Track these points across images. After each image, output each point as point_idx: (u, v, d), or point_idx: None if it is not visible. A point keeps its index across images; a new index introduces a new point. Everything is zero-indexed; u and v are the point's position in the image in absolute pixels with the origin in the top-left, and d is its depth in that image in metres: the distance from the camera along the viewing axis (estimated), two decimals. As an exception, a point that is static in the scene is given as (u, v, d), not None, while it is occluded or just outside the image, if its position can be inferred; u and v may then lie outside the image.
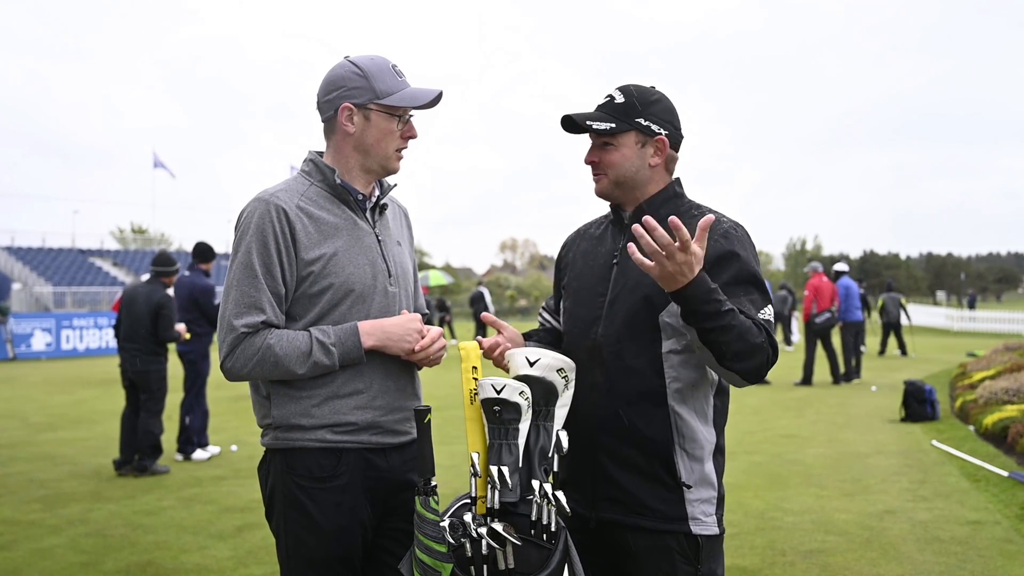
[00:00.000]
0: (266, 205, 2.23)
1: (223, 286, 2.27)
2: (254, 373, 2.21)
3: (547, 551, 2.04)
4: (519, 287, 69.85)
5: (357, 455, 2.26)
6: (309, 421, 2.24)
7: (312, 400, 2.24)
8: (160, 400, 7.77)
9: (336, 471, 2.24)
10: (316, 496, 2.23)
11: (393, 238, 2.45)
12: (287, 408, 2.26)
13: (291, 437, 2.26)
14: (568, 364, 2.17)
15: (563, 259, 2.51)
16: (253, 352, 2.18)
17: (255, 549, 5.20)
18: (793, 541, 5.21)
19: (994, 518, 5.59)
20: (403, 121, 2.33)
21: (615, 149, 2.25)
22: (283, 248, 2.22)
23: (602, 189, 2.32)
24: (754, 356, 2.03)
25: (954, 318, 35.05)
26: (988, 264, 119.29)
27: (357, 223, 2.34)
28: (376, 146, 2.31)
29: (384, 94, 2.28)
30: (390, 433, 2.31)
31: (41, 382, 16.45)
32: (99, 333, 24.70)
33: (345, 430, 2.25)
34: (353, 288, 2.27)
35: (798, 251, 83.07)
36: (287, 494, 2.26)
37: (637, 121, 2.24)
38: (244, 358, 2.19)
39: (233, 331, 2.19)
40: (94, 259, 42.77)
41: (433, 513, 2.08)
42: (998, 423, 8.25)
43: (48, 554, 5.16)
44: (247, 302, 2.20)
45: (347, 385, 2.26)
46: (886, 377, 14.85)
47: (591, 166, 2.31)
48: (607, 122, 2.24)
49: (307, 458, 2.24)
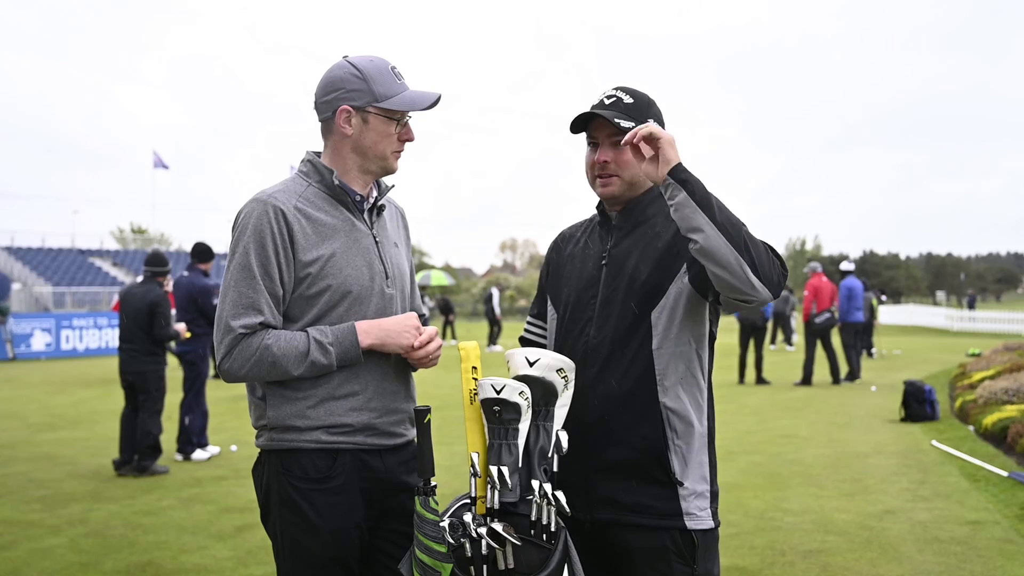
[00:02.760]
0: (263, 206, 2.22)
1: (221, 287, 2.26)
2: (252, 374, 2.21)
3: (547, 551, 2.04)
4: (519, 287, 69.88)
5: (352, 456, 2.26)
6: (305, 422, 2.23)
7: (308, 401, 2.24)
8: (159, 400, 7.77)
9: (332, 472, 2.24)
10: (312, 497, 2.23)
11: (390, 239, 2.44)
12: (283, 409, 2.25)
13: (286, 438, 2.25)
14: (568, 364, 2.18)
15: (551, 262, 2.51)
16: (251, 353, 2.18)
17: (255, 549, 5.20)
18: (793, 541, 5.21)
19: (994, 518, 5.59)
20: (401, 124, 2.32)
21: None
22: (281, 249, 2.21)
23: (614, 192, 2.29)
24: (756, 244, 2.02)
25: (954, 318, 35.09)
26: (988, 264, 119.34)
27: (355, 224, 2.33)
28: (374, 148, 2.31)
29: (383, 97, 2.27)
30: (386, 435, 2.31)
31: (41, 382, 16.44)
32: (99, 333, 24.69)
33: (340, 431, 2.24)
34: (351, 290, 2.26)
35: (798, 251, 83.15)
36: (283, 495, 2.25)
37: (649, 121, 2.24)
38: (242, 359, 2.18)
39: (231, 332, 2.18)
40: (94, 259, 42.76)
41: (433, 513, 2.08)
42: (998, 423, 8.25)
43: (48, 554, 5.16)
44: (245, 303, 2.20)
45: (343, 387, 2.25)
46: (886, 377, 14.85)
47: (601, 167, 2.27)
48: (629, 121, 2.22)
49: (303, 459, 2.24)
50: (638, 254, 2.25)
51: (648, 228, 2.28)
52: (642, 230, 2.29)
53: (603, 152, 2.27)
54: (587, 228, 2.45)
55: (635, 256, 2.25)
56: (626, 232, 2.31)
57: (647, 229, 2.28)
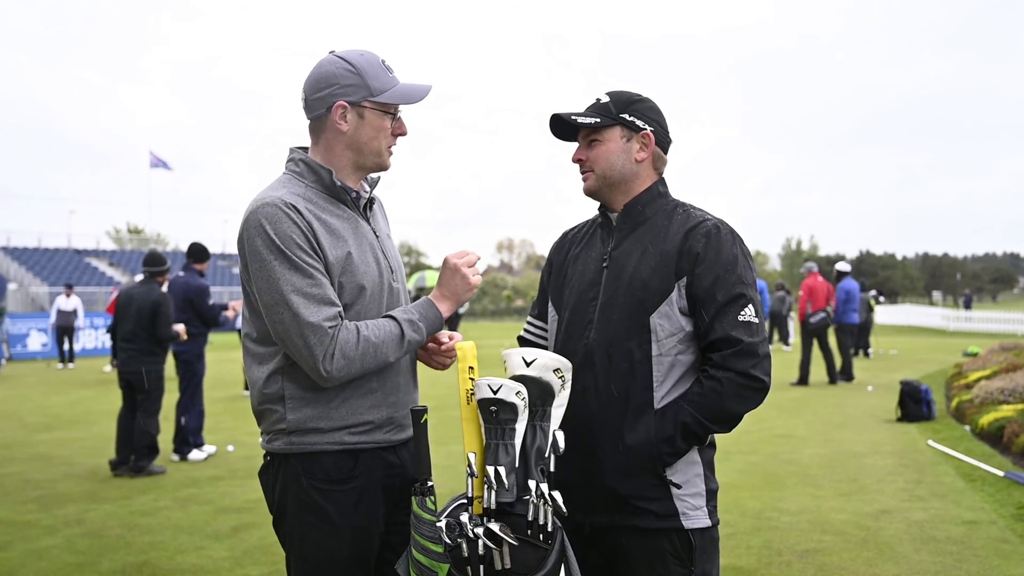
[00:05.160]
0: (275, 208, 2.13)
1: (265, 298, 2.12)
2: (362, 368, 2.14)
3: (544, 551, 2.04)
4: (516, 287, 69.91)
5: (372, 455, 2.25)
6: (328, 423, 2.19)
7: (331, 402, 2.20)
8: (157, 400, 7.77)
9: (354, 472, 2.22)
10: (334, 498, 2.20)
11: (385, 232, 2.44)
12: (303, 412, 2.19)
13: (308, 441, 2.20)
14: (564, 364, 2.18)
15: (552, 263, 2.52)
16: (353, 346, 2.11)
17: (251, 549, 5.20)
18: (789, 541, 5.22)
19: (990, 518, 5.60)
20: (394, 118, 2.31)
21: (600, 144, 2.29)
22: (314, 241, 2.15)
23: (589, 186, 2.34)
24: (745, 404, 2.17)
25: (950, 318, 35.10)
26: (984, 264, 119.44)
27: (358, 222, 2.31)
28: (369, 144, 2.28)
29: (378, 91, 2.24)
30: (403, 428, 2.32)
31: (37, 383, 16.41)
32: (95, 333, 24.62)
33: (362, 430, 2.23)
34: (365, 287, 2.25)
35: (794, 251, 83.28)
36: (302, 498, 2.20)
37: (622, 116, 2.28)
38: (348, 357, 2.10)
39: (319, 331, 2.07)
40: (90, 259, 42.71)
41: (430, 513, 2.07)
42: (994, 423, 8.27)
43: (44, 555, 5.15)
44: (316, 298, 2.10)
45: (362, 385, 2.23)
46: (882, 377, 14.87)
47: (579, 164, 2.34)
48: (592, 117, 2.28)
49: (325, 461, 2.20)
50: (638, 256, 2.26)
51: (647, 229, 2.29)
52: (641, 231, 2.29)
53: (578, 150, 2.35)
54: (589, 229, 2.46)
55: (635, 258, 2.26)
56: (626, 233, 2.31)
57: (646, 230, 2.29)
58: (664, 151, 2.35)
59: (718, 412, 2.14)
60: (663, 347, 2.19)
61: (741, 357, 2.13)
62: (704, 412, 2.13)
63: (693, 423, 2.13)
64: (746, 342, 2.13)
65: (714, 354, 2.16)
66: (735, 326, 2.14)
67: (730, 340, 2.13)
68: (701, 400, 2.14)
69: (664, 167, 2.37)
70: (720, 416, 2.15)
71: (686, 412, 2.13)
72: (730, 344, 2.13)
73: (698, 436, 2.16)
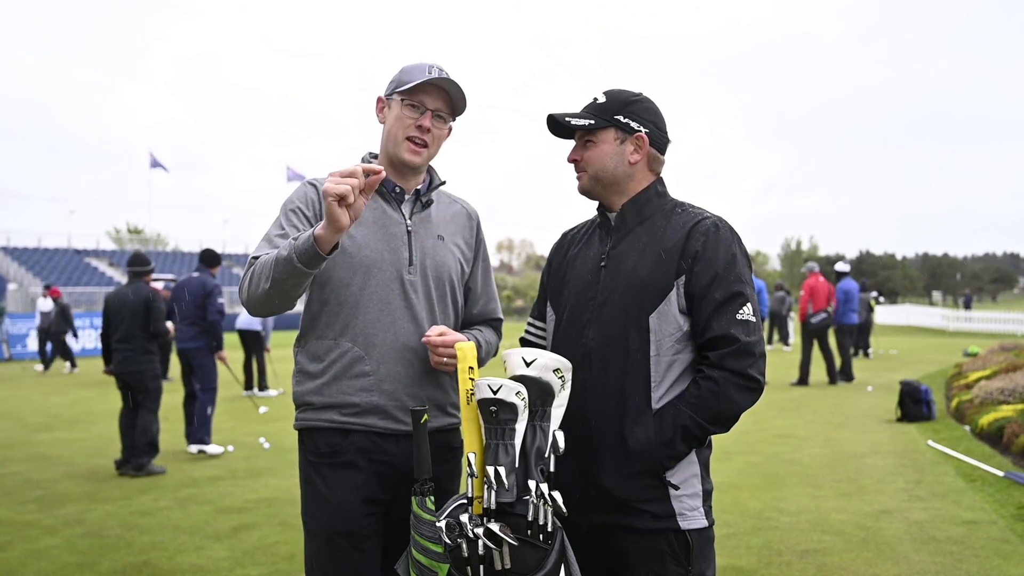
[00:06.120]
0: (304, 184, 2.43)
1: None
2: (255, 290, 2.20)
3: (543, 551, 2.04)
4: (516, 287, 69.88)
5: (364, 436, 2.32)
6: (319, 399, 2.34)
7: (323, 379, 2.34)
8: (156, 399, 7.81)
9: (342, 448, 2.32)
10: (324, 472, 2.33)
11: (433, 232, 2.47)
12: (303, 386, 2.38)
13: (305, 417, 2.38)
14: (564, 364, 2.18)
15: (551, 263, 2.53)
16: (250, 272, 2.24)
17: (251, 550, 5.20)
18: (789, 541, 5.22)
19: (990, 518, 5.60)
20: (420, 111, 2.37)
21: (595, 146, 2.31)
22: (314, 210, 2.35)
23: (582, 186, 2.37)
24: (742, 404, 2.17)
25: (950, 318, 35.09)
26: (984, 264, 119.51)
27: (386, 212, 2.41)
28: (391, 133, 2.41)
29: (403, 84, 2.37)
30: (395, 420, 2.33)
31: (37, 383, 16.41)
32: (95, 333, 24.59)
33: (350, 412, 2.32)
34: (360, 268, 2.34)
35: (793, 252, 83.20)
36: (304, 472, 2.38)
37: (616, 118, 2.29)
38: (246, 277, 2.24)
39: (249, 263, 2.27)
40: (90, 259, 42.72)
41: (429, 513, 2.08)
42: (994, 423, 8.28)
43: (44, 555, 5.15)
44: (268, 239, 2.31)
45: (353, 367, 2.33)
46: (882, 377, 14.87)
47: (573, 164, 2.36)
48: (586, 119, 2.29)
49: (317, 436, 2.35)
50: (636, 256, 2.26)
51: (645, 229, 2.29)
52: (640, 231, 2.29)
53: (573, 151, 2.36)
54: (588, 229, 2.46)
55: (633, 258, 2.26)
56: (624, 233, 2.31)
57: (644, 230, 2.29)
58: (661, 152, 2.34)
59: (716, 413, 2.14)
60: (661, 347, 2.19)
61: (738, 356, 2.13)
62: (703, 414, 2.13)
63: (692, 426, 2.13)
64: (743, 341, 2.13)
65: (711, 352, 2.16)
66: (733, 324, 2.14)
67: (728, 338, 2.13)
68: (699, 402, 2.14)
69: (661, 168, 2.36)
70: (719, 417, 2.16)
71: (685, 415, 2.13)
72: (728, 342, 2.13)
73: (698, 438, 2.16)
